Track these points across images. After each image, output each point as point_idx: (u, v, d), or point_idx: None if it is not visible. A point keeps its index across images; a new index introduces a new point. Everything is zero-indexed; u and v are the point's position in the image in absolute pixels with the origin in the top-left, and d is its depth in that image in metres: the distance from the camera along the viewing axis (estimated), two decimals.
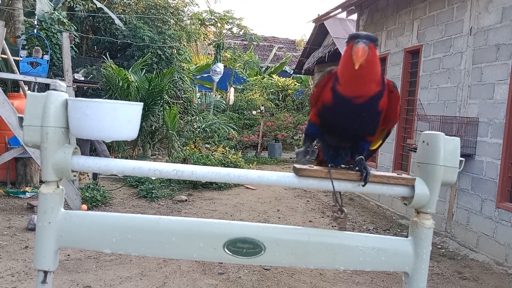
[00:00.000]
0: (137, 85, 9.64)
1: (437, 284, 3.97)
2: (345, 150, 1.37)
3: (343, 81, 1.22)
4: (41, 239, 1.15)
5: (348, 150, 1.36)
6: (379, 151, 7.19)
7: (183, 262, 3.98)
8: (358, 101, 1.21)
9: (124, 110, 1.15)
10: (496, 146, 4.59)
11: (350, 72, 1.18)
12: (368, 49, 1.15)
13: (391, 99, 1.27)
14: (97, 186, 6.33)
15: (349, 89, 1.21)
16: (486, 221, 4.67)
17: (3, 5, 9.79)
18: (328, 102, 1.26)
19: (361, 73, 1.17)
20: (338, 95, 1.23)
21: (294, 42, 23.66)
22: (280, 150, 12.37)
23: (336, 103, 1.24)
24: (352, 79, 1.20)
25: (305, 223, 5.79)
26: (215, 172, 1.20)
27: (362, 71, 1.17)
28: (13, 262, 3.77)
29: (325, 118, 1.31)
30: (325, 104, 1.28)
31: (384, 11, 7.35)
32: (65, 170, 1.16)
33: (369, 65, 1.17)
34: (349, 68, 1.17)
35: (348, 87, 1.21)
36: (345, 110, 1.23)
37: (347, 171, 1.24)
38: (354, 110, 1.23)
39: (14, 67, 6.68)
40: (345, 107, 1.23)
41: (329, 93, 1.26)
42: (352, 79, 1.20)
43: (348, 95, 1.21)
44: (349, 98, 1.21)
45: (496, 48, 4.69)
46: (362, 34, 1.17)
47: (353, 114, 1.24)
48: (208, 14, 15.24)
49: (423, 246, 1.22)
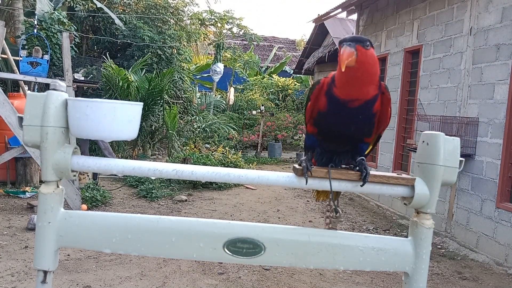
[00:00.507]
0: (137, 85, 9.64)
1: (437, 284, 3.97)
2: (340, 156, 1.37)
3: (340, 84, 1.22)
4: (41, 239, 1.15)
5: (344, 154, 1.36)
6: (379, 151, 7.19)
7: (183, 262, 3.98)
8: (353, 105, 1.21)
9: (124, 110, 1.15)
10: (496, 146, 4.59)
11: (345, 75, 1.17)
12: (356, 51, 1.14)
13: (383, 100, 1.27)
14: (97, 186, 6.32)
15: (346, 92, 1.21)
16: (486, 221, 4.67)
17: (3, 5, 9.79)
18: (323, 108, 1.26)
19: (355, 75, 1.17)
20: (334, 99, 1.23)
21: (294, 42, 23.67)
22: (280, 150, 12.37)
23: (331, 107, 1.24)
24: (348, 82, 1.20)
25: (305, 223, 5.79)
26: (215, 172, 1.20)
27: (356, 73, 1.16)
28: (13, 262, 3.77)
29: (322, 125, 1.31)
30: (320, 112, 1.28)
31: (384, 11, 7.35)
32: (65, 170, 1.16)
33: (362, 66, 1.17)
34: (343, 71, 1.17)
35: (345, 90, 1.21)
36: (340, 113, 1.23)
37: (347, 171, 1.24)
38: (349, 113, 1.23)
39: (14, 67, 6.68)
40: (340, 110, 1.23)
41: (323, 99, 1.26)
42: (348, 82, 1.20)
43: (344, 98, 1.21)
44: (345, 101, 1.21)
45: (496, 48, 4.69)
46: (348, 37, 1.17)
47: (349, 118, 1.23)
48: (208, 14, 15.25)
49: (423, 246, 1.22)
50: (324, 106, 1.26)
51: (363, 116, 1.24)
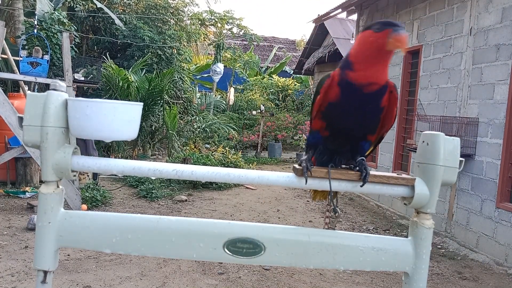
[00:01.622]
0: (137, 85, 9.64)
1: (437, 284, 3.97)
2: (341, 155, 1.37)
3: (361, 67, 1.22)
4: (41, 239, 1.15)
5: (345, 154, 1.36)
6: (379, 151, 7.19)
7: (183, 262, 3.98)
8: (369, 89, 1.22)
9: (124, 110, 1.15)
10: (496, 146, 4.60)
11: (374, 56, 1.20)
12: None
13: (390, 98, 1.28)
14: (97, 186, 6.32)
15: (366, 75, 1.22)
16: (486, 221, 4.67)
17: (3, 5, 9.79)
18: (335, 99, 1.26)
19: (383, 59, 1.21)
20: (349, 85, 1.23)
21: (294, 42, 23.67)
22: (280, 150, 12.37)
23: (345, 95, 1.24)
24: (374, 64, 1.22)
25: (305, 223, 5.79)
26: (215, 172, 1.20)
27: (386, 57, 1.21)
28: (13, 262, 3.77)
29: (331, 117, 1.30)
30: (331, 103, 1.27)
31: (384, 11, 7.36)
32: (65, 170, 1.16)
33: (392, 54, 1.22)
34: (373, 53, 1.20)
35: (366, 72, 1.22)
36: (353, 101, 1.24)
37: (347, 171, 1.24)
38: (362, 101, 1.24)
39: (14, 67, 6.68)
40: (354, 97, 1.23)
41: (335, 90, 1.26)
42: (374, 64, 1.22)
43: (361, 82, 1.21)
44: (362, 85, 1.22)
45: (496, 48, 4.70)
46: (398, 22, 1.21)
47: (360, 106, 1.24)
48: (208, 14, 15.26)
49: (423, 246, 1.22)
50: (336, 96, 1.26)
51: (373, 106, 1.26)
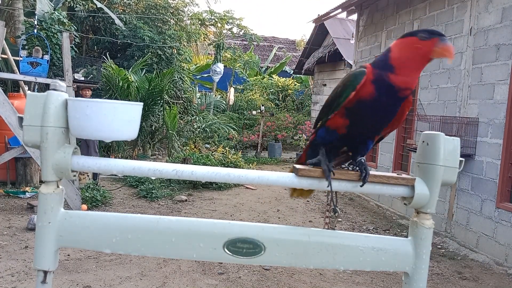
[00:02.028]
0: (137, 85, 9.64)
1: (437, 284, 3.97)
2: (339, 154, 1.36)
3: (404, 72, 1.22)
4: (41, 239, 1.15)
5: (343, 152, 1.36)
6: (379, 151, 7.19)
7: (183, 262, 3.98)
8: (403, 94, 1.23)
9: (124, 110, 1.15)
10: (496, 146, 4.60)
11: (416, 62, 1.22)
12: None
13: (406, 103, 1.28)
14: (97, 186, 6.32)
15: (406, 80, 1.22)
16: (486, 221, 4.67)
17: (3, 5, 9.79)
18: (369, 96, 1.24)
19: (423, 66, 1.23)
20: (388, 86, 1.22)
21: (294, 42, 23.66)
22: (280, 150, 12.37)
23: (380, 94, 1.23)
24: (415, 71, 1.23)
25: (305, 223, 5.79)
26: (215, 172, 1.20)
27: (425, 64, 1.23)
28: (13, 262, 3.77)
29: (357, 115, 1.27)
30: (361, 100, 1.25)
31: (384, 11, 7.35)
32: (65, 170, 1.16)
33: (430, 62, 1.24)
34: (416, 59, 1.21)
35: (406, 78, 1.22)
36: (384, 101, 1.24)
37: (346, 171, 1.24)
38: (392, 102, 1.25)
39: (14, 67, 6.69)
40: (387, 98, 1.23)
41: (369, 87, 1.24)
42: (415, 71, 1.23)
43: (400, 86, 1.22)
44: (399, 89, 1.22)
45: (496, 48, 4.69)
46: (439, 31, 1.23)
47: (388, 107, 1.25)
48: (208, 14, 15.24)
49: (423, 246, 1.22)
50: (369, 95, 1.24)
51: (396, 108, 1.27)
